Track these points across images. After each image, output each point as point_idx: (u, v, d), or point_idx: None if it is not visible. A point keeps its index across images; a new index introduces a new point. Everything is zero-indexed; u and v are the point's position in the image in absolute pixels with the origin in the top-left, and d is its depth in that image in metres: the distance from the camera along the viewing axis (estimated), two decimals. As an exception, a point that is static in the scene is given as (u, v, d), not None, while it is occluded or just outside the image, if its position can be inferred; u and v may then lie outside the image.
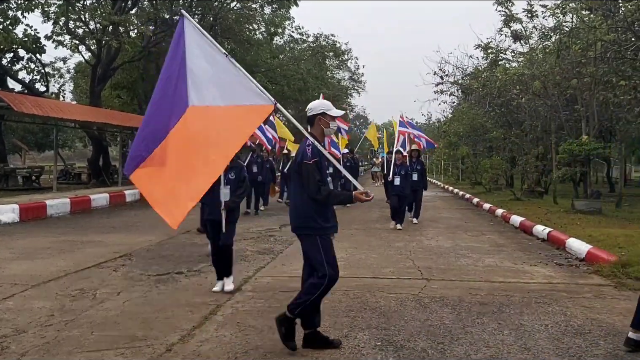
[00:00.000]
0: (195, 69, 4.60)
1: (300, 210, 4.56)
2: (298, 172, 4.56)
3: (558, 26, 16.51)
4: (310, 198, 4.47)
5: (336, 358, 4.36)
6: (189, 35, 4.67)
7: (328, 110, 4.70)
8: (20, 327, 5.06)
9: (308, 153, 4.49)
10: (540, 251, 9.60)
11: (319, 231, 4.52)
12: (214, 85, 4.60)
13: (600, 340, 4.82)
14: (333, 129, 4.77)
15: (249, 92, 4.54)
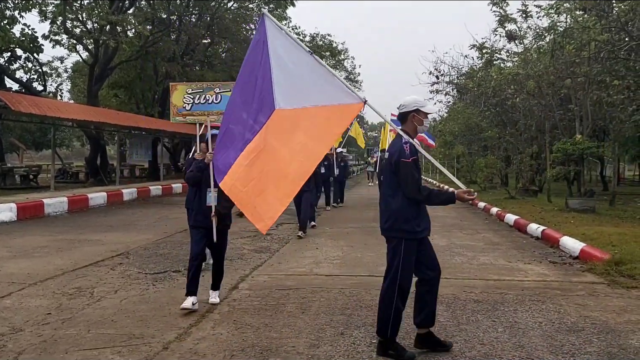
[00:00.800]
0: (280, 70, 4.47)
1: (394, 212, 4.38)
2: (393, 172, 4.35)
3: (552, 26, 16.59)
4: (408, 198, 4.30)
5: (332, 356, 4.40)
6: (272, 36, 4.54)
7: (422, 107, 4.51)
8: (17, 326, 5.09)
9: (406, 151, 4.28)
10: (534, 249, 9.66)
11: (409, 234, 4.37)
12: (301, 87, 4.46)
13: (594, 338, 4.87)
14: (426, 126, 4.59)
15: (337, 91, 4.38)
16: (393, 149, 4.44)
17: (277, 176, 4.36)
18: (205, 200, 5.73)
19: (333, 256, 8.77)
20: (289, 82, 4.46)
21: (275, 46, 4.52)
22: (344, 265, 8.05)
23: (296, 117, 4.40)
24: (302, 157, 4.33)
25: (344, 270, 7.73)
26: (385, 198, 4.51)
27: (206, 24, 27.94)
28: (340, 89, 4.38)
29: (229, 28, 27.96)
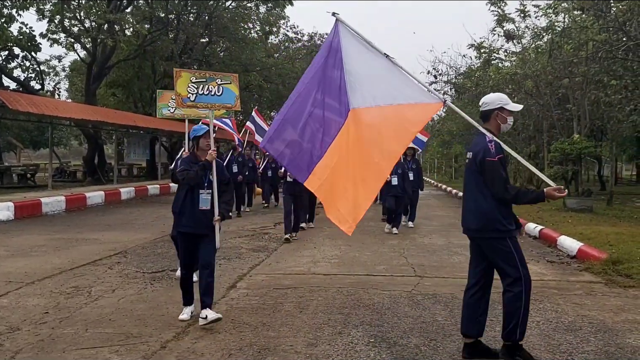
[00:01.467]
0: (354, 71, 4.42)
1: (483, 212, 4.24)
2: (479, 171, 4.23)
3: (550, 26, 16.59)
4: (495, 198, 4.18)
5: (330, 355, 4.40)
6: (345, 39, 4.50)
7: (506, 105, 4.40)
8: (14, 325, 5.08)
9: (492, 150, 4.16)
10: (532, 249, 9.67)
11: (507, 233, 4.25)
12: (375, 86, 4.39)
13: (591, 337, 4.88)
14: (510, 124, 4.46)
15: (414, 90, 4.31)
16: (477, 147, 4.30)
17: (356, 177, 4.27)
18: (199, 204, 5.23)
19: (331, 255, 8.77)
20: (363, 82, 4.40)
21: (347, 48, 4.48)
22: (341, 265, 8.05)
23: (371, 116, 4.33)
24: (378, 158, 4.24)
25: (342, 269, 7.73)
26: (473, 198, 4.34)
27: (204, 23, 27.90)
28: (418, 89, 4.32)
29: (227, 27, 27.92)
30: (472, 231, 4.40)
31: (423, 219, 14.05)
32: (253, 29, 31.93)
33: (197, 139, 5.42)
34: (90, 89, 24.67)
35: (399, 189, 11.60)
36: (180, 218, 5.34)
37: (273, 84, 33.31)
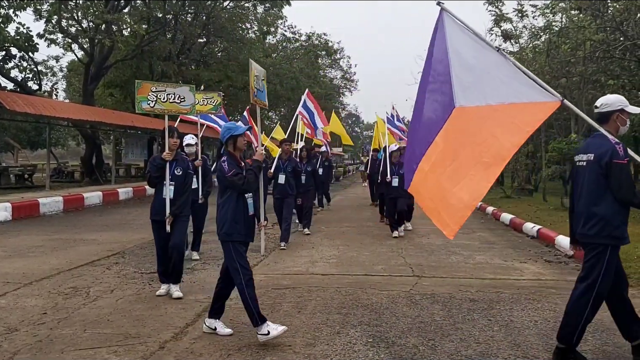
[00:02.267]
0: (460, 67, 4.16)
1: (604, 217, 4.05)
2: (603, 174, 4.05)
3: (548, 26, 16.63)
4: (621, 201, 4.02)
5: (329, 355, 4.41)
6: (451, 32, 4.25)
7: (626, 107, 4.24)
8: (12, 326, 5.08)
9: (620, 152, 3.99)
10: (530, 248, 9.69)
11: (617, 241, 4.09)
12: (484, 83, 4.14)
13: (589, 336, 4.89)
14: (627, 127, 4.34)
15: (528, 88, 4.05)
16: (601, 149, 4.11)
17: (459, 179, 4.03)
18: (248, 209, 5.06)
19: (329, 255, 8.77)
20: (471, 78, 4.16)
21: (454, 41, 4.24)
22: (340, 265, 8.06)
23: (479, 115, 4.07)
24: (487, 158, 3.96)
25: (340, 269, 7.74)
26: (591, 202, 4.14)
27: (202, 23, 27.90)
28: (532, 87, 4.05)
29: (225, 27, 27.92)
30: (584, 235, 4.19)
31: (421, 219, 14.01)
32: (251, 29, 31.97)
33: (234, 138, 4.98)
34: (88, 89, 24.64)
35: (400, 190, 10.88)
36: (235, 226, 4.84)
37: (271, 84, 33.22)
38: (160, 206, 6.17)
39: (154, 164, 6.20)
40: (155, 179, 6.22)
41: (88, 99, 24.42)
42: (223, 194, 4.91)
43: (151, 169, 6.22)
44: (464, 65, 4.16)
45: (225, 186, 4.87)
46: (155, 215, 6.22)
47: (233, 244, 4.83)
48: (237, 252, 4.84)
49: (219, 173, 4.86)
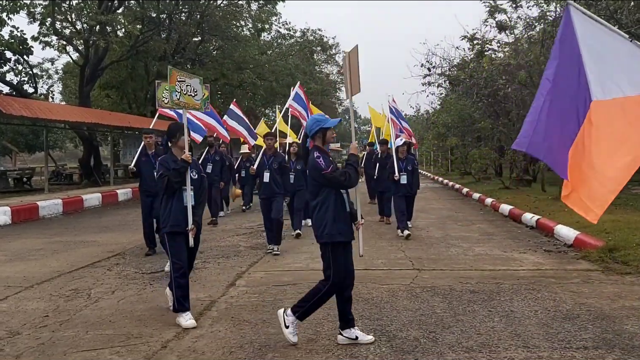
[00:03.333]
0: (593, 60, 4.11)
1: None
2: None
3: (542, 16, 16.62)
4: None
5: (330, 349, 4.43)
6: (580, 26, 4.18)
7: None
8: (14, 329, 5.09)
9: None
10: (529, 239, 9.72)
11: None
12: (620, 74, 4.05)
13: (589, 325, 4.92)
14: None
15: None
16: None
17: (602, 168, 3.99)
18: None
19: (329, 251, 8.77)
20: (605, 71, 4.10)
21: (584, 35, 4.17)
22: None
23: (616, 107, 4.02)
24: (627, 150, 3.92)
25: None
26: None
27: (196, 22, 27.83)
28: None
29: (219, 25, 27.87)
30: None
31: (420, 212, 14.07)
32: (245, 27, 31.89)
33: (323, 131, 4.67)
34: (84, 91, 24.60)
35: (408, 187, 10.38)
36: (336, 226, 4.58)
37: (267, 81, 33.23)
38: (182, 215, 5.32)
39: (174, 168, 5.31)
40: (177, 185, 5.32)
41: (84, 100, 24.38)
42: (319, 192, 4.60)
43: (171, 174, 5.28)
44: (598, 59, 4.13)
45: (321, 184, 4.56)
46: (176, 227, 5.30)
47: (337, 244, 4.59)
48: (339, 253, 4.62)
49: (313, 171, 4.56)
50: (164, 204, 5.38)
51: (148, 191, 8.59)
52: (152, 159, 8.38)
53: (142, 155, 8.75)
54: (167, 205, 5.33)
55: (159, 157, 6.75)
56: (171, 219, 5.29)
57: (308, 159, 4.65)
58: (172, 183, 5.27)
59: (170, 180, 5.25)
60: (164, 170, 5.28)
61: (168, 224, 5.28)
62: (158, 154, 8.13)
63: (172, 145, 5.56)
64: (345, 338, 4.57)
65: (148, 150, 8.73)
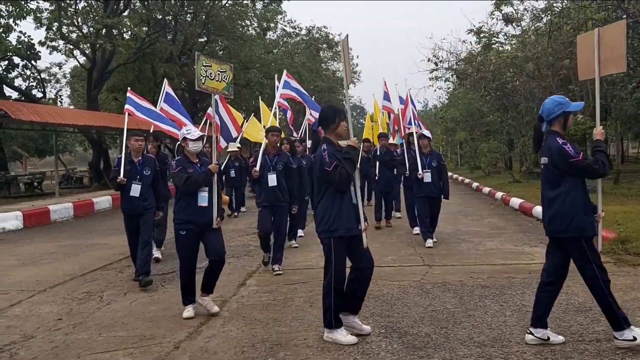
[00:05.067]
0: None
1: None
2: None
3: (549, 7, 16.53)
4: None
5: (341, 347, 4.43)
6: None
7: None
8: (28, 333, 5.13)
9: None
10: (540, 232, 9.62)
11: None
12: None
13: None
14: None
15: None
16: None
17: None
18: None
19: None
20: None
21: None
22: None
23: None
24: None
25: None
26: None
27: (202, 23, 27.87)
28: None
29: (225, 25, 27.87)
30: None
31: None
32: (251, 26, 31.89)
33: (565, 115, 4.41)
34: (92, 94, 24.71)
35: (433, 187, 8.88)
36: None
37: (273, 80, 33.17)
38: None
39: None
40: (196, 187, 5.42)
41: (92, 104, 24.49)
42: None
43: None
44: None
45: None
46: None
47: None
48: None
49: None
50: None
51: (133, 210, 7.02)
52: (138, 168, 7.02)
53: (126, 163, 7.02)
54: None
55: (155, 163, 7.08)
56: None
57: None
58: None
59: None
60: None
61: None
62: (161, 159, 7.92)
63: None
64: (535, 338, 4.37)
65: (134, 157, 7.08)
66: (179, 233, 5.46)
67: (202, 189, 5.44)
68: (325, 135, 4.65)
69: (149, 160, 7.18)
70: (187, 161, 5.53)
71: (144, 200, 7.03)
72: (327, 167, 4.45)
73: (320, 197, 4.60)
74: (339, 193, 4.51)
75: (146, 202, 7.05)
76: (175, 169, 5.42)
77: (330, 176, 4.44)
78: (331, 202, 4.52)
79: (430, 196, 8.86)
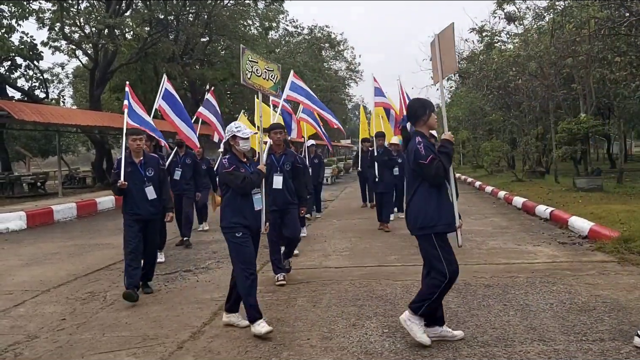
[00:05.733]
0: None
1: None
2: None
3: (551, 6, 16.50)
4: None
5: (345, 347, 4.43)
6: None
7: None
8: (32, 333, 5.14)
9: None
10: (543, 231, 9.65)
11: None
12: None
13: (605, 316, 4.88)
14: None
15: None
16: None
17: None
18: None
19: (342, 248, 8.79)
20: None
21: None
22: (353, 257, 8.07)
23: None
24: None
25: (353, 261, 7.75)
26: None
27: (204, 22, 27.88)
28: None
29: (227, 25, 27.89)
30: None
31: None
32: (253, 26, 31.91)
33: None
34: (94, 94, 24.75)
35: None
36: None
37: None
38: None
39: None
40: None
41: (95, 104, 24.53)
42: None
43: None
44: None
45: None
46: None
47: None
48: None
49: None
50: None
51: (140, 216, 6.45)
52: (141, 170, 6.51)
53: (126, 164, 6.55)
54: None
55: (158, 162, 6.67)
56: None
57: None
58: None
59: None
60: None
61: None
62: (160, 158, 7.33)
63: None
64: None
65: (134, 158, 6.56)
66: (234, 236, 4.96)
67: (256, 191, 5.15)
68: (417, 129, 4.48)
69: (151, 160, 6.61)
70: (238, 160, 5.10)
71: (152, 205, 6.46)
72: (422, 160, 4.26)
73: (413, 193, 4.43)
74: (435, 188, 4.35)
75: (153, 208, 6.48)
76: (229, 168, 4.96)
77: (426, 170, 4.27)
78: (427, 197, 4.36)
79: None
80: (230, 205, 5.04)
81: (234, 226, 4.97)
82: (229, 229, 5.00)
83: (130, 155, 6.54)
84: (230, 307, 5.15)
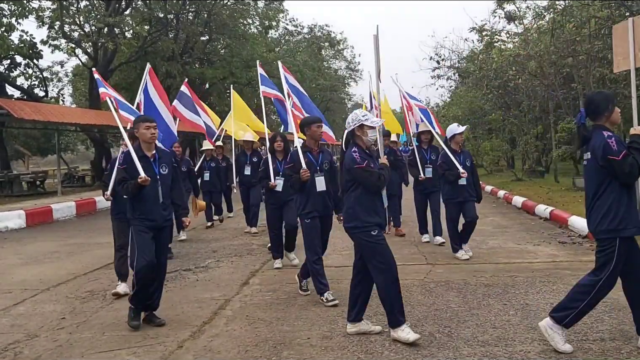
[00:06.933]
0: None
1: None
2: None
3: (551, 5, 16.48)
4: None
5: (346, 346, 4.43)
6: None
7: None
8: (32, 332, 5.13)
9: None
10: (543, 230, 9.65)
11: None
12: None
13: (605, 316, 4.88)
14: None
15: None
16: None
17: None
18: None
19: (342, 247, 8.78)
20: None
21: None
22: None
23: None
24: None
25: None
26: None
27: (203, 21, 27.85)
28: None
29: (227, 24, 27.86)
30: None
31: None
32: (252, 25, 31.89)
33: None
34: (94, 93, 24.70)
35: (470, 190, 7.78)
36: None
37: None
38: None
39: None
40: None
41: (94, 102, 24.51)
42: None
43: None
44: None
45: None
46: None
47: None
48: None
49: None
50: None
51: (153, 222, 5.15)
52: (154, 166, 5.24)
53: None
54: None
55: (171, 158, 6.25)
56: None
57: None
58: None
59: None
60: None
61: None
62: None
63: None
64: None
65: (145, 151, 5.29)
66: (369, 235, 4.76)
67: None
68: (598, 123, 4.16)
69: (165, 155, 5.41)
70: (367, 154, 4.67)
71: (165, 209, 5.23)
72: (614, 156, 3.93)
73: (601, 193, 4.08)
74: (625, 186, 4.02)
75: (166, 212, 5.25)
76: (362, 164, 4.56)
77: (617, 166, 3.94)
78: (617, 196, 4.01)
79: (466, 201, 7.72)
80: (362, 204, 4.67)
81: (368, 225, 4.68)
82: (363, 229, 4.69)
83: (140, 147, 5.26)
84: (355, 316, 4.74)
